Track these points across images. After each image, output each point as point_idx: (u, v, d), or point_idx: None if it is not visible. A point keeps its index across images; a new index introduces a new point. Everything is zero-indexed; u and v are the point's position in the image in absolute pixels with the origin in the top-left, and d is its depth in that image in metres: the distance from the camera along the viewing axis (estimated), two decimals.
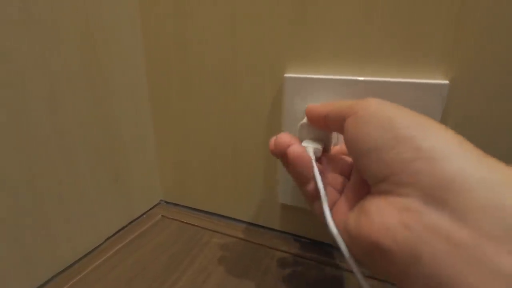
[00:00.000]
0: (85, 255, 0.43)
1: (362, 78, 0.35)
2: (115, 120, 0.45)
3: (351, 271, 0.40)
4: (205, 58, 0.44)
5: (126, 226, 0.50)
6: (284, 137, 0.30)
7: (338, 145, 0.36)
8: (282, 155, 0.30)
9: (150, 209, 0.55)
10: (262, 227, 0.49)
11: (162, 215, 0.53)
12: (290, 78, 0.38)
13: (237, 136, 0.46)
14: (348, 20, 0.34)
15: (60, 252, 0.40)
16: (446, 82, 0.31)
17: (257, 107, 0.43)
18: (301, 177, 0.29)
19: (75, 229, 0.41)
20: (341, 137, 0.35)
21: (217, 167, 0.49)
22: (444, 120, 0.33)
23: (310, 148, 0.33)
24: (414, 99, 0.33)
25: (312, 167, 0.28)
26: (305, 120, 0.34)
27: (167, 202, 0.58)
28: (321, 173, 0.28)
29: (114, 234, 0.48)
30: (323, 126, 0.30)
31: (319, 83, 0.37)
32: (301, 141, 0.34)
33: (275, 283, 0.38)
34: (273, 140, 0.31)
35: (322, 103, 0.30)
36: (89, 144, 0.41)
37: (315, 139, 0.33)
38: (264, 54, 0.40)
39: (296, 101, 0.39)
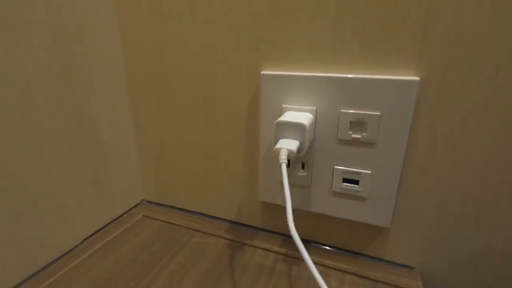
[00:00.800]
0: (60, 257, 0.42)
1: (336, 75, 0.35)
2: (93, 120, 0.45)
3: (332, 268, 0.41)
4: (183, 59, 0.43)
5: (105, 226, 0.49)
6: None
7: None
8: None
9: (131, 208, 0.55)
10: (244, 225, 0.49)
11: (143, 215, 0.53)
12: (266, 75, 0.38)
13: (218, 135, 0.46)
14: (323, 19, 0.34)
15: (33, 254, 0.39)
16: (417, 78, 0.32)
17: (236, 105, 0.43)
18: None
19: (49, 231, 0.40)
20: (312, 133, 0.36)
21: (198, 166, 0.49)
22: (417, 115, 0.34)
23: (283, 150, 0.32)
24: (386, 95, 0.33)
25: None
26: (281, 118, 0.35)
27: (149, 202, 0.57)
28: None
29: (92, 235, 0.47)
30: None
31: (295, 80, 0.37)
32: (277, 140, 0.34)
33: (253, 281, 0.38)
34: None
35: None
36: (65, 144, 0.41)
37: (292, 137, 0.34)
38: (241, 52, 0.40)
39: (272, 98, 0.39)
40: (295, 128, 0.34)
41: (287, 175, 0.33)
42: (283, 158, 0.32)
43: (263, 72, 0.38)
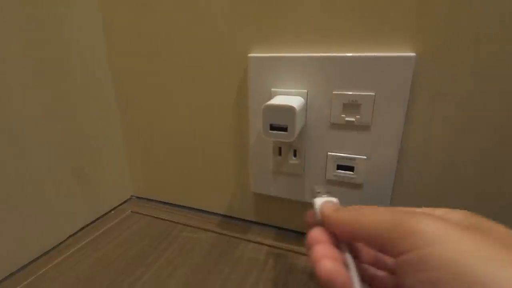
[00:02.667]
0: (42, 255, 0.40)
1: (327, 55, 0.33)
2: (76, 113, 0.42)
3: None
4: (168, 44, 0.41)
5: (92, 223, 0.47)
6: (315, 248, 0.23)
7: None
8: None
9: (120, 205, 0.53)
10: (236, 218, 0.47)
11: (131, 211, 0.51)
12: (254, 58, 0.36)
13: (206, 126, 0.44)
14: (311, 1, 0.32)
15: (11, 252, 0.37)
16: (413, 54, 0.30)
17: (224, 92, 0.41)
18: None
19: (29, 228, 0.38)
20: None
21: (188, 159, 0.47)
22: (413, 94, 0.32)
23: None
24: (381, 73, 0.31)
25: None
26: (269, 102, 0.33)
27: (138, 198, 0.55)
28: None
29: (77, 232, 0.45)
30: (347, 239, 0.23)
31: (284, 61, 0.35)
32: (266, 124, 0.32)
33: (245, 275, 0.36)
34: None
35: (339, 209, 0.24)
36: (46, 138, 0.39)
37: (282, 125, 0.31)
38: (227, 36, 0.38)
39: (261, 82, 0.37)
40: (284, 112, 0.31)
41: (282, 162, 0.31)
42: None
43: (250, 55, 0.36)
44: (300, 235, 0.43)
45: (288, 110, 0.31)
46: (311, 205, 0.41)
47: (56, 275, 0.37)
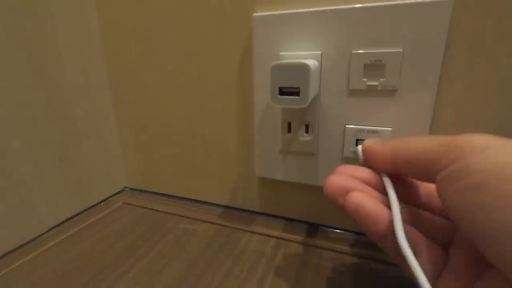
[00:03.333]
0: (18, 248, 0.35)
1: (343, 7, 0.28)
2: (60, 90, 0.38)
3: (345, 253, 0.33)
4: (164, 9, 0.37)
5: (78, 214, 0.42)
6: (336, 181, 0.23)
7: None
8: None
9: (111, 196, 0.48)
10: (239, 209, 0.42)
11: (123, 202, 0.46)
12: (260, 17, 0.32)
13: (205, 104, 0.39)
14: None
15: None
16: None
17: (225, 60, 0.36)
18: (370, 234, 0.21)
19: (3, 217, 0.33)
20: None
21: (185, 144, 0.42)
22: (450, 49, 0.27)
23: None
24: (409, 25, 0.26)
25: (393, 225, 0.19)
26: (278, 61, 0.28)
27: (132, 189, 0.50)
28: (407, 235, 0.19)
29: (61, 223, 0.40)
30: (391, 171, 0.22)
31: (293, 19, 0.30)
32: (274, 87, 0.27)
33: (249, 270, 0.30)
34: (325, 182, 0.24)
35: (383, 142, 0.22)
36: (25, 117, 0.34)
37: (293, 87, 0.27)
38: None
39: (268, 45, 0.32)
40: (297, 72, 0.26)
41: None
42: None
43: (255, 14, 0.32)
44: (312, 226, 0.37)
45: (301, 68, 0.26)
46: (319, 189, 0.36)
47: (30, 269, 0.32)
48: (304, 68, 0.26)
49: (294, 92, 0.27)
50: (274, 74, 0.27)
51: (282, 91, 0.27)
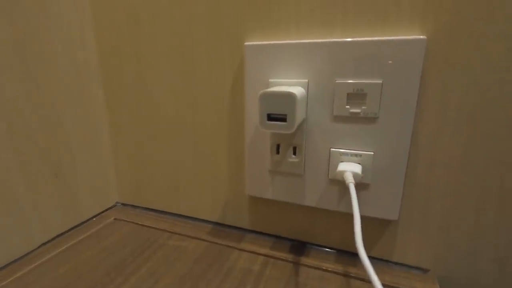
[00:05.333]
0: (6, 265, 0.35)
1: (328, 40, 0.30)
2: (56, 106, 0.39)
3: (332, 271, 0.35)
4: (158, 30, 0.39)
5: (69, 230, 0.43)
6: None
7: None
8: None
9: (103, 211, 0.48)
10: (229, 226, 0.43)
11: (114, 218, 0.46)
12: (251, 46, 0.34)
13: (198, 124, 0.40)
14: None
15: None
16: (423, 37, 0.28)
17: (218, 84, 0.38)
18: None
19: None
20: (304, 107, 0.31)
21: (178, 161, 0.43)
22: (424, 81, 0.29)
23: (348, 172, 0.30)
24: (388, 59, 0.29)
25: None
26: (267, 89, 0.30)
27: (124, 205, 0.51)
28: None
29: (52, 239, 0.40)
30: None
31: (282, 49, 0.32)
32: (263, 114, 0.29)
33: (237, 287, 0.31)
34: None
35: None
36: (18, 131, 0.35)
37: (280, 114, 0.28)
38: (222, 22, 0.35)
39: (258, 72, 0.34)
40: (284, 100, 0.28)
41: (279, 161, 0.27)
42: (351, 179, 0.30)
43: (247, 43, 0.34)
44: (300, 245, 0.39)
45: (287, 97, 0.28)
46: (312, 210, 0.37)
47: (22, 285, 0.32)
48: (290, 97, 0.28)
49: (282, 118, 0.29)
50: (262, 102, 0.29)
51: (270, 117, 0.29)
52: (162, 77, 0.41)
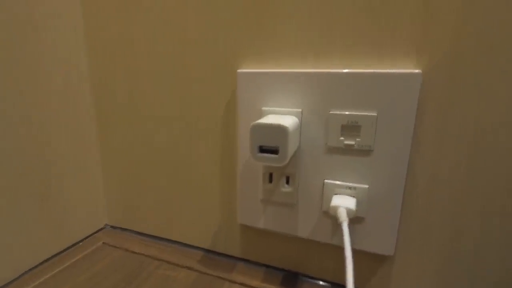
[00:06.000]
0: None
1: (323, 71, 0.30)
2: (40, 120, 0.38)
3: None
4: (152, 57, 0.38)
5: (55, 255, 0.41)
6: None
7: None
8: None
9: (91, 234, 0.47)
10: (220, 254, 0.42)
11: (103, 242, 0.45)
12: (244, 74, 0.33)
13: (190, 149, 0.40)
14: (309, 10, 0.30)
15: None
16: (419, 71, 0.27)
17: (210, 111, 0.37)
18: None
19: None
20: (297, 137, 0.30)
21: (169, 185, 0.42)
22: (421, 114, 0.28)
23: (342, 208, 0.29)
24: (383, 92, 0.28)
25: None
26: (258, 120, 0.29)
27: (113, 227, 0.49)
28: None
29: (37, 266, 0.39)
30: None
31: (276, 77, 0.32)
32: (254, 146, 0.28)
33: None
34: None
35: None
36: (3, 150, 0.34)
37: (272, 147, 0.28)
38: (215, 49, 0.35)
39: (251, 100, 0.33)
40: (276, 132, 0.28)
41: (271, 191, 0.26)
42: (344, 217, 0.29)
43: (240, 70, 0.33)
44: (292, 276, 0.37)
45: (279, 129, 0.27)
46: (304, 241, 0.36)
47: None
48: (282, 129, 0.27)
49: (274, 150, 0.28)
50: (253, 133, 0.28)
51: (262, 149, 0.28)
52: (155, 101, 0.40)
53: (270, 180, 0.34)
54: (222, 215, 0.40)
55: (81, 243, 0.45)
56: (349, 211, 0.29)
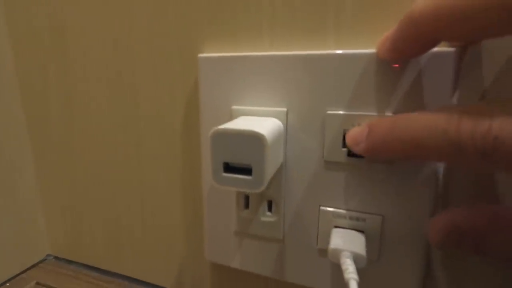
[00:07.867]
0: None
1: (316, 52, 0.21)
2: None
3: None
4: (88, 43, 0.29)
5: None
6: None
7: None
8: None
9: (27, 269, 0.37)
10: None
11: (36, 282, 0.35)
12: (206, 59, 0.24)
13: (143, 168, 0.30)
14: None
15: None
16: (452, 49, 0.18)
17: (167, 118, 0.28)
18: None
19: None
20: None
21: (120, 214, 0.33)
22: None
23: (346, 253, 0.19)
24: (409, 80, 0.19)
25: None
26: (223, 125, 0.20)
27: (57, 258, 0.39)
28: None
29: None
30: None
31: (250, 63, 0.22)
32: (217, 163, 0.19)
33: None
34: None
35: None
36: None
37: (243, 165, 0.18)
38: (170, 28, 0.26)
39: (217, 95, 0.24)
40: (248, 143, 0.18)
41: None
42: (351, 271, 0.18)
43: (201, 55, 0.24)
44: None
45: (253, 139, 0.18)
46: (295, 286, 0.27)
47: None
48: (258, 139, 0.18)
49: (245, 169, 0.19)
50: (215, 145, 0.19)
51: (229, 167, 0.19)
52: (96, 109, 0.30)
53: (247, 205, 0.25)
54: (188, 249, 0.31)
55: (7, 284, 0.35)
56: (357, 258, 0.20)
